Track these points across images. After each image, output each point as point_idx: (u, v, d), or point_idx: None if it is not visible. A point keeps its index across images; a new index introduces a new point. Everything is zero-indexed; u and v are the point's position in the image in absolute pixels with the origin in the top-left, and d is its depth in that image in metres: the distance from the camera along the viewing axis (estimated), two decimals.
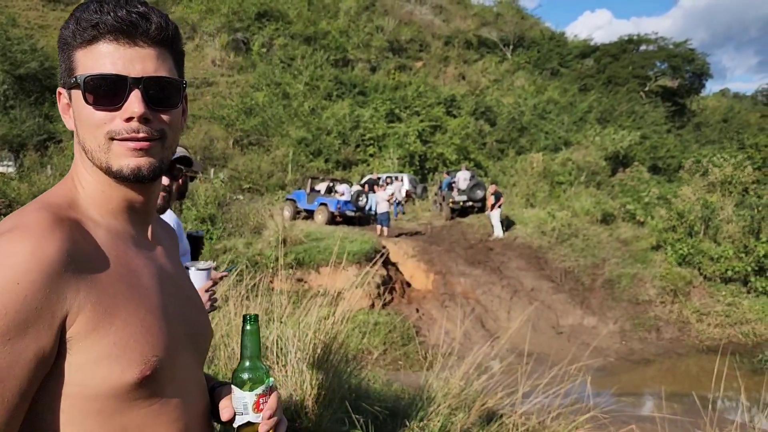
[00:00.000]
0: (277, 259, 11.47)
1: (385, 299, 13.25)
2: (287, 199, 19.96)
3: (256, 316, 1.05)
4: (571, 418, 4.40)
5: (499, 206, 17.12)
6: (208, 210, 14.86)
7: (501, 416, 4.54)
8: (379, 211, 17.07)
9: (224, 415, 1.03)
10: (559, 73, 41.32)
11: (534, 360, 5.28)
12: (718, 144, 30.70)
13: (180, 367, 0.94)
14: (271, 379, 1.04)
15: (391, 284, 13.90)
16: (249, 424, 1.00)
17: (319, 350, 4.34)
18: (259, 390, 1.01)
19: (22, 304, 0.75)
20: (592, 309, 14.25)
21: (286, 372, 4.16)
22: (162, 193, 2.18)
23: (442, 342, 8.17)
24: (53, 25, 29.38)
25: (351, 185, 19.84)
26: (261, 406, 1.01)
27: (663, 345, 13.34)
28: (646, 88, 37.88)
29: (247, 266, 8.62)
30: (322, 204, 18.49)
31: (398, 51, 38.66)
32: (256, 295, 5.39)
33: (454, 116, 30.23)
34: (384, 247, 15.08)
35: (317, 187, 19.73)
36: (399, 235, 17.35)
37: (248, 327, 1.05)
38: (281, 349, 4.30)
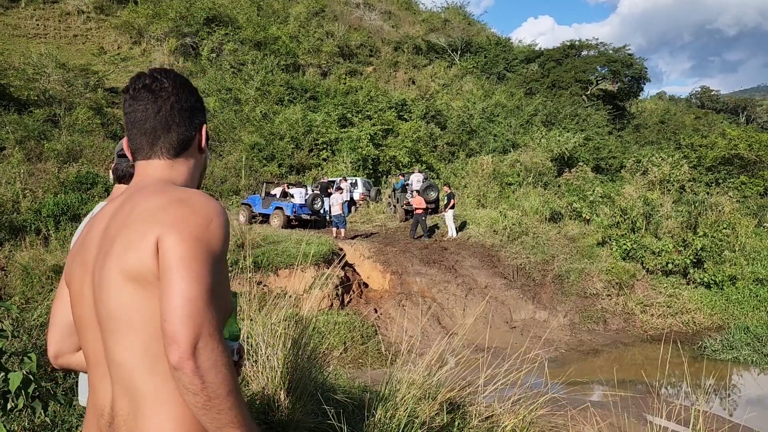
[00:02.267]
0: (236, 263, 11.47)
1: (343, 300, 13.41)
2: (242, 204, 19.91)
3: (236, 293, 1.50)
4: (530, 402, 4.65)
5: (452, 207, 17.51)
6: None
7: (464, 404, 4.75)
8: (333, 213, 17.23)
9: None
10: (505, 78, 42.26)
11: (490, 353, 5.53)
12: (657, 145, 32.04)
13: None
14: None
15: (349, 285, 14.07)
16: (235, 362, 1.43)
17: (288, 345, 4.46)
18: (239, 338, 1.49)
19: (228, 232, 1.28)
20: (543, 303, 14.75)
21: (257, 367, 4.24)
22: None
23: (402, 339, 8.38)
24: None
25: (306, 188, 19.94)
26: (239, 350, 1.48)
27: (610, 336, 13.92)
28: (588, 92, 39.18)
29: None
30: (277, 208, 18.55)
31: (348, 56, 38.82)
32: None
33: (406, 120, 30.60)
34: (341, 249, 15.24)
35: (272, 192, 19.76)
36: (354, 237, 17.53)
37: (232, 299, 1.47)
38: (251, 345, 4.38)
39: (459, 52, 43.52)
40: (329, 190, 21.22)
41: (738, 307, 14.82)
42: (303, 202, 18.66)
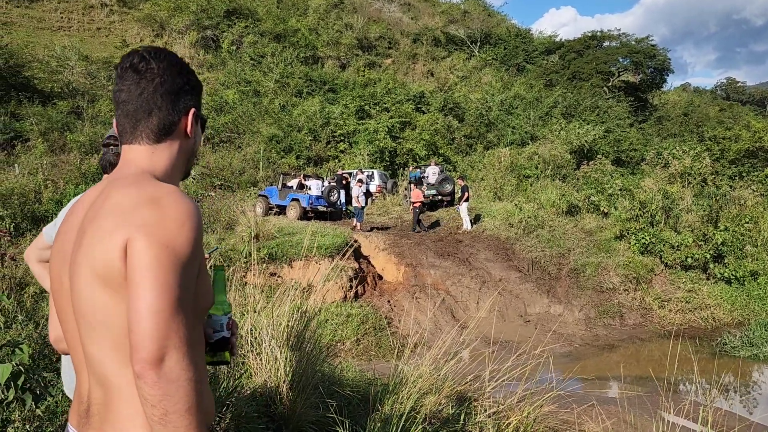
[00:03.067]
0: (249, 254, 11.56)
1: (357, 292, 13.45)
2: (259, 195, 20.06)
3: (223, 266, 1.52)
4: (536, 398, 4.61)
5: (466, 200, 17.42)
6: None
7: (470, 399, 4.73)
8: (353, 205, 17.29)
9: (208, 333, 1.47)
10: (525, 70, 41.80)
11: (502, 347, 5.49)
12: (679, 137, 31.46)
13: None
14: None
15: (363, 276, 14.10)
16: (223, 338, 1.46)
17: (292, 338, 4.47)
18: (230, 314, 1.48)
19: (200, 233, 1.25)
20: (558, 297, 14.62)
21: (261, 360, 4.25)
22: None
23: (413, 332, 8.39)
24: (17, 22, 28.78)
25: (323, 180, 20.02)
26: (230, 325, 1.48)
27: (626, 331, 13.77)
28: (610, 84, 38.56)
29: (220, 261, 8.71)
30: (293, 199, 18.65)
31: (367, 48, 38.74)
32: (230, 289, 5.50)
33: (423, 112, 30.47)
34: (356, 242, 15.26)
35: (289, 183, 19.87)
36: (371, 229, 17.54)
37: (219, 273, 1.52)
38: (255, 338, 4.38)
39: (478, 44, 43.16)
40: (344, 183, 21.34)
41: (759, 303, 14.55)
42: (319, 194, 18.72)
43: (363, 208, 17.28)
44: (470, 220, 17.67)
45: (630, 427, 5.92)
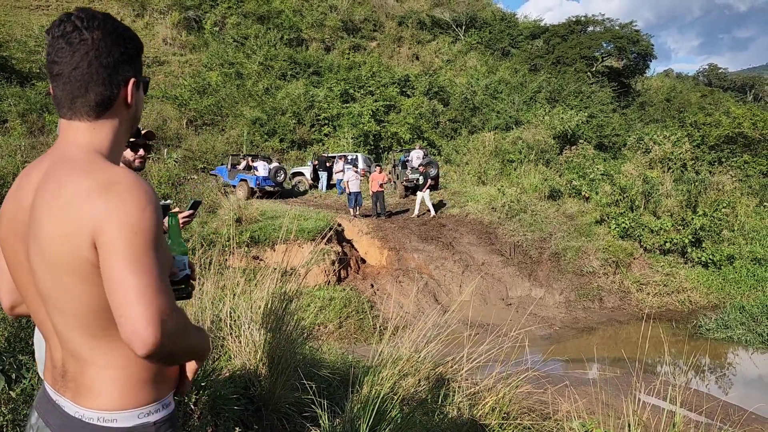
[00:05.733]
0: (231, 238, 11.53)
1: (340, 275, 13.50)
2: (211, 174, 20.43)
3: (175, 213, 1.68)
4: (512, 379, 4.70)
5: (429, 187, 17.50)
6: (161, 190, 14.77)
7: (448, 380, 4.81)
8: (351, 189, 17.23)
9: (174, 272, 1.60)
10: (510, 54, 41.77)
11: (485, 330, 5.56)
12: (661, 123, 31.72)
13: None
14: None
15: (347, 260, 14.14)
16: (186, 275, 1.63)
17: (271, 321, 4.50)
18: (188, 253, 1.65)
19: (160, 214, 1.26)
20: (539, 281, 14.78)
21: (240, 342, 4.27)
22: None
23: (396, 315, 8.44)
24: None
25: (270, 161, 20.44)
26: (190, 265, 1.65)
27: (605, 313, 13.97)
28: (593, 69, 38.64)
29: (202, 244, 8.70)
30: (242, 180, 19.17)
31: (352, 31, 38.43)
32: (210, 271, 5.50)
33: (408, 96, 30.40)
34: (339, 225, 15.28)
35: (238, 165, 20.45)
36: (366, 216, 17.41)
37: (174, 219, 1.67)
38: (234, 321, 4.41)
39: (463, 28, 42.98)
40: (327, 165, 21.50)
41: (735, 286, 14.81)
42: (266, 175, 19.06)
43: (358, 193, 17.27)
44: (420, 207, 17.68)
45: (603, 407, 6.06)
